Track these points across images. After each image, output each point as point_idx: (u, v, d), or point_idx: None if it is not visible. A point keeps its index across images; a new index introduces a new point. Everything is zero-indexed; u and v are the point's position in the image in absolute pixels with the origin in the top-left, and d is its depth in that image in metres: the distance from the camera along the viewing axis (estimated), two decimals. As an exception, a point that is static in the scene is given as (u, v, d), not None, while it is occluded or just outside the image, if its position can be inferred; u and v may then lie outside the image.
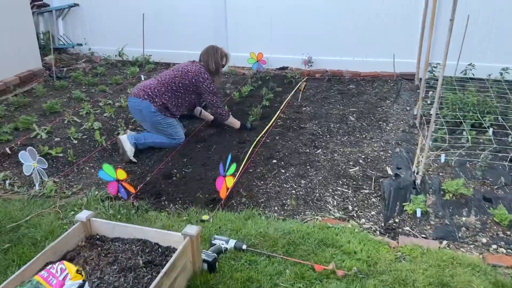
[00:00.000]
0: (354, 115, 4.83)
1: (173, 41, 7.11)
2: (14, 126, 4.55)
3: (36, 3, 7.19)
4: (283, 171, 3.64)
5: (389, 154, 3.92)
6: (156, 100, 4.00)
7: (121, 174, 3.07)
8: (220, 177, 3.02)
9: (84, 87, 6.02)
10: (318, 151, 4.00)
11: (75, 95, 5.45)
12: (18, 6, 5.80)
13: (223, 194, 3.07)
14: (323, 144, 4.15)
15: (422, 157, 3.43)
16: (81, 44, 7.56)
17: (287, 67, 6.68)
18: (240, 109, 5.10)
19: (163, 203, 3.24)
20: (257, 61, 6.39)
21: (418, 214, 3.04)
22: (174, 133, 4.14)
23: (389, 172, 3.62)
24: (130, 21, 7.09)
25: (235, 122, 4.40)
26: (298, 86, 5.86)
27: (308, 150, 4.01)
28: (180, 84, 4.08)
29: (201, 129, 4.58)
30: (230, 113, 4.35)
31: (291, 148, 4.06)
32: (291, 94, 5.51)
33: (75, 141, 4.31)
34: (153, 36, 7.05)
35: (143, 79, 6.28)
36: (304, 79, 6.17)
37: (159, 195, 3.36)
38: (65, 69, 6.79)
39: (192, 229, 2.29)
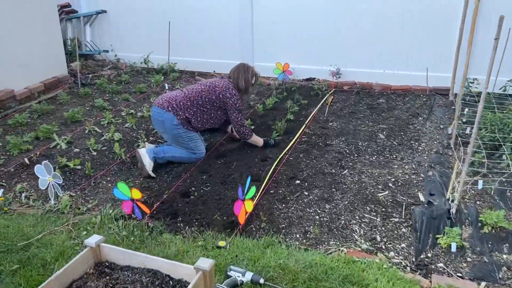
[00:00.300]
0: (384, 132, 4.57)
1: (199, 50, 7.01)
2: (35, 135, 4.50)
3: (65, 9, 7.23)
4: (306, 193, 3.43)
5: (421, 178, 3.66)
6: (180, 113, 3.87)
7: (136, 194, 2.94)
8: (239, 201, 2.84)
9: (107, 95, 5.97)
10: (344, 172, 3.77)
11: (97, 103, 5.39)
12: (46, 13, 5.80)
13: (241, 219, 2.89)
14: (350, 164, 3.92)
15: (458, 183, 3.16)
16: (107, 51, 7.55)
17: (314, 78, 6.47)
18: (264, 122, 4.92)
19: (179, 224, 3.09)
20: (283, 72, 6.21)
21: (453, 248, 2.78)
22: (194, 147, 4.00)
23: (421, 198, 3.36)
24: (157, 28, 7.04)
25: (258, 140, 4.22)
26: (325, 99, 5.64)
27: (333, 171, 3.79)
28: (207, 99, 3.94)
29: (222, 143, 4.42)
30: (252, 132, 4.17)
31: (315, 167, 3.84)
32: (317, 108, 5.30)
33: (94, 153, 4.22)
34: (178, 44, 6.97)
35: (167, 88, 6.20)
36: (331, 91, 5.94)
37: (175, 215, 3.21)
38: (90, 75, 6.77)
39: (206, 263, 2.12)
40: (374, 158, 4.04)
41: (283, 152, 4.09)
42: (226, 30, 6.71)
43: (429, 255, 2.76)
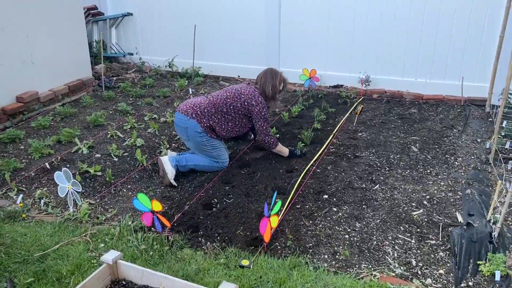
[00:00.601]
0: (417, 145, 4.33)
1: (223, 54, 6.89)
2: (57, 138, 4.44)
3: (91, 11, 7.22)
4: (335, 209, 3.24)
5: (458, 196, 3.41)
6: (204, 120, 3.73)
7: (157, 206, 2.80)
8: (265, 219, 2.67)
9: (131, 98, 5.90)
10: (375, 187, 3.56)
11: (120, 107, 5.32)
12: (72, 15, 5.78)
13: (267, 237, 2.71)
14: (382, 178, 3.70)
15: (500, 203, 2.92)
16: (132, 54, 7.52)
17: (342, 85, 6.26)
18: (289, 131, 4.74)
19: (200, 238, 2.94)
20: (310, 78, 6.03)
21: (497, 277, 2.54)
22: (218, 156, 3.85)
23: (460, 219, 3.12)
24: (182, 32, 6.97)
25: (283, 150, 4.04)
26: (353, 107, 5.43)
27: (364, 185, 3.58)
28: (232, 107, 3.79)
29: (246, 152, 4.27)
30: (278, 141, 4.00)
31: (344, 181, 3.64)
32: (345, 117, 5.09)
33: (116, 159, 4.12)
34: (203, 48, 6.88)
35: (190, 92, 6.09)
36: (360, 99, 5.73)
37: (196, 228, 3.06)
38: (114, 78, 6.73)
39: (228, 288, 1.96)
40: (407, 172, 3.81)
41: (310, 164, 3.91)
42: (252, 34, 6.57)
43: (470, 283, 2.53)
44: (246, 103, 3.78)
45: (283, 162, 3.99)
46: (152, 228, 2.96)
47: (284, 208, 3.19)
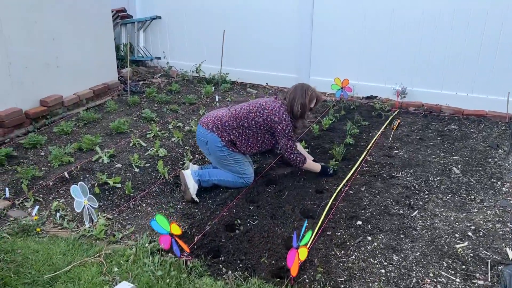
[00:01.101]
0: (459, 166, 3.99)
1: (252, 61, 6.67)
2: (78, 146, 4.30)
3: (120, 14, 7.13)
4: (369, 238, 2.95)
5: (508, 229, 3.06)
6: (225, 134, 3.51)
7: (176, 229, 2.59)
8: (293, 251, 2.41)
9: (156, 105, 5.74)
10: (414, 213, 3.24)
11: (145, 114, 5.16)
12: (100, 18, 5.68)
13: (294, 271, 2.45)
14: (421, 203, 3.39)
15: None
16: (159, 58, 7.39)
17: (376, 96, 5.93)
18: (319, 145, 4.47)
19: (220, 265, 2.70)
20: (342, 88, 5.73)
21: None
22: (242, 170, 3.61)
23: (510, 256, 2.78)
24: (210, 37, 6.79)
25: (314, 167, 3.76)
26: (388, 121, 5.10)
27: (401, 211, 3.27)
28: (253, 122, 3.53)
29: (273, 167, 4.02)
30: (305, 159, 3.70)
31: (380, 205, 3.34)
32: (380, 131, 4.78)
33: (137, 170, 3.95)
34: (231, 54, 6.68)
35: (217, 99, 5.90)
36: (396, 112, 5.39)
37: (217, 252, 2.83)
38: (140, 83, 6.61)
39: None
40: (448, 197, 3.48)
41: (342, 184, 3.62)
42: (282, 40, 6.33)
43: (527, 337, 2.20)
44: (269, 119, 3.52)
45: (313, 180, 3.72)
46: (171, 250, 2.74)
47: (313, 235, 2.92)
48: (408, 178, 3.78)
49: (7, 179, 3.75)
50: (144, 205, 3.44)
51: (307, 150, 4.26)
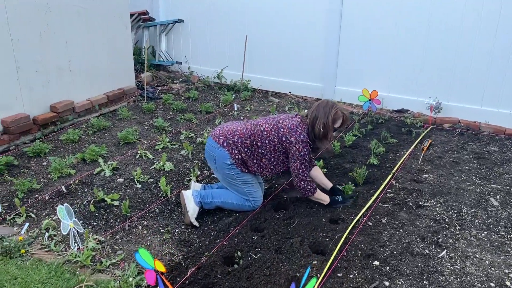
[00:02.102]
0: (498, 196, 3.50)
1: (275, 68, 6.34)
2: (82, 156, 4.08)
3: (142, 16, 6.95)
4: (387, 284, 2.53)
5: (557, 280, 2.58)
6: (235, 152, 3.17)
7: (160, 267, 2.27)
8: (290, 304, 2.04)
9: (171, 113, 5.49)
10: (441, 254, 2.80)
11: (157, 123, 4.90)
12: (118, 21, 5.48)
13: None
14: (450, 241, 2.94)
15: None
16: (180, 62, 7.16)
17: (407, 110, 5.47)
18: (339, 164, 4.07)
19: (212, 308, 2.37)
20: (370, 100, 5.29)
21: None
22: (249, 192, 3.27)
23: (559, 317, 2.31)
24: (233, 42, 6.52)
25: (322, 198, 3.33)
26: (419, 139, 4.63)
27: (427, 250, 2.84)
28: (267, 141, 3.17)
29: (285, 188, 3.65)
30: (316, 189, 3.29)
31: (402, 241, 2.92)
32: (409, 151, 4.32)
33: (139, 185, 3.68)
34: (254, 60, 6.37)
35: (235, 108, 5.60)
36: (428, 129, 4.91)
37: (211, 290, 2.50)
38: (159, 88, 6.39)
39: None
40: (483, 235, 3.01)
41: (361, 213, 3.21)
42: (307, 47, 5.97)
43: None
44: (284, 139, 3.14)
45: (328, 207, 3.32)
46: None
47: (322, 275, 2.54)
48: (437, 209, 3.33)
49: (3, 191, 3.56)
50: (140, 227, 3.16)
51: (325, 171, 3.87)
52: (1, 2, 4.07)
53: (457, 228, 3.09)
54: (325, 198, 3.32)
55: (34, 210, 3.31)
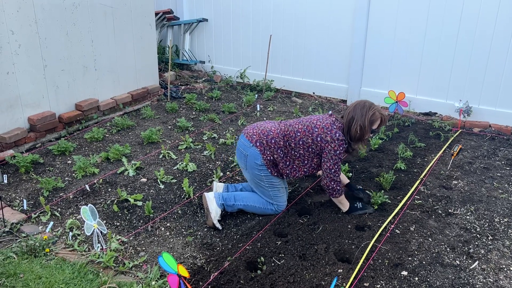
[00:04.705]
0: (532, 205, 3.35)
1: (299, 68, 6.25)
2: (106, 155, 4.09)
3: (167, 15, 6.95)
4: (416, 295, 2.45)
5: None
6: (267, 153, 3.11)
7: (183, 271, 2.24)
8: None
9: (194, 112, 5.47)
10: (473, 265, 2.69)
11: (180, 123, 4.89)
12: (143, 20, 5.49)
13: None
14: (482, 252, 2.82)
15: None
16: (203, 62, 7.15)
17: (435, 113, 5.31)
18: (365, 169, 3.97)
19: (234, 315, 2.33)
20: (396, 102, 5.15)
21: None
22: (274, 196, 3.21)
23: None
24: (256, 42, 6.47)
25: (344, 203, 3.25)
26: (448, 143, 4.49)
27: (457, 261, 2.73)
28: (301, 142, 3.10)
29: (309, 192, 3.58)
30: (343, 192, 3.22)
31: (431, 251, 2.81)
32: (438, 156, 4.19)
33: (162, 186, 3.66)
34: (277, 60, 6.31)
35: (258, 109, 5.54)
36: (457, 133, 4.76)
37: (234, 296, 2.46)
38: (182, 87, 6.38)
39: None
40: (518, 246, 2.89)
41: (388, 220, 3.12)
42: (332, 47, 5.87)
43: None
44: (319, 138, 3.06)
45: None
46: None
47: (348, 285, 2.47)
48: (468, 217, 3.20)
49: (29, 188, 3.60)
50: (162, 228, 3.14)
51: (351, 175, 3.78)
52: (29, 1, 4.11)
53: (489, 238, 2.97)
54: (345, 204, 3.23)
55: (59, 209, 3.33)
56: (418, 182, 3.68)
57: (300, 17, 5.99)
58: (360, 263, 2.64)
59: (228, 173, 3.93)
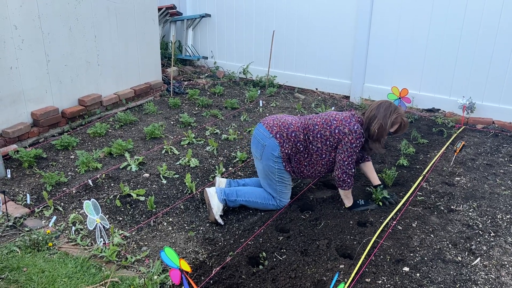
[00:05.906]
0: (535, 202, 3.34)
1: (301, 64, 6.23)
2: (109, 150, 4.10)
3: (170, 11, 6.94)
4: (417, 291, 2.45)
5: None
6: (286, 146, 3.09)
7: (185, 266, 2.25)
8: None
9: (196, 108, 5.48)
10: (475, 262, 2.69)
11: (182, 119, 4.89)
12: (146, 15, 5.48)
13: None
14: (484, 248, 2.82)
15: None
16: (206, 57, 7.14)
17: (438, 109, 5.30)
18: (368, 165, 3.96)
19: (236, 309, 2.34)
20: (399, 98, 5.13)
21: None
22: (280, 191, 3.21)
23: None
24: (259, 37, 6.45)
25: (349, 198, 3.25)
26: (451, 140, 4.48)
27: (459, 257, 2.73)
28: (319, 135, 3.08)
29: (311, 188, 3.58)
30: (352, 185, 3.21)
31: (433, 247, 2.82)
32: (440, 152, 4.18)
33: (164, 181, 3.67)
34: (280, 56, 6.30)
35: (261, 105, 5.54)
36: (460, 130, 4.74)
37: (235, 291, 2.47)
38: (185, 83, 6.38)
39: None
40: (520, 243, 2.88)
41: (390, 216, 3.12)
42: (335, 43, 5.85)
43: None
44: (337, 130, 3.04)
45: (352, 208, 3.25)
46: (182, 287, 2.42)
47: (350, 280, 2.47)
48: (470, 214, 3.20)
49: (32, 183, 3.62)
50: (165, 223, 3.15)
51: (353, 171, 3.77)
52: (32, -4, 4.12)
53: (491, 234, 2.97)
54: (351, 198, 3.24)
55: (62, 203, 3.35)
56: (420, 178, 3.67)
57: (303, 12, 5.97)
58: (361, 259, 2.64)
59: (230, 168, 3.93)
